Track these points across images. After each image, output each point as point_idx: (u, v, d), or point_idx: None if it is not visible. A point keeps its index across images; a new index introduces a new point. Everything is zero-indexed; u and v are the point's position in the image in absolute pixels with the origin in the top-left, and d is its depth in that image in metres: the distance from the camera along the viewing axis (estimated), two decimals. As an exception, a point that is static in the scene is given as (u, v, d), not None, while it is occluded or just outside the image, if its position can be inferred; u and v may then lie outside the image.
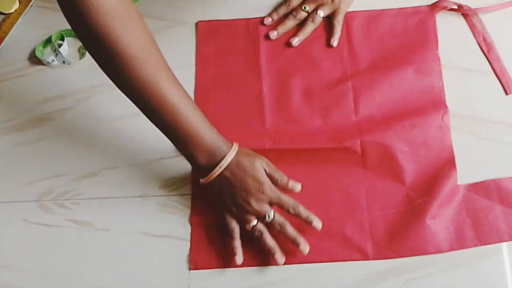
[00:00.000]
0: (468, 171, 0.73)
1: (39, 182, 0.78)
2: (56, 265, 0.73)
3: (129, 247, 0.73)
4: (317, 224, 0.68)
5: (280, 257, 0.68)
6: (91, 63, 0.85)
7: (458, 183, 0.72)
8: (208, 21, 0.84)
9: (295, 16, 0.81)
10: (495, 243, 0.68)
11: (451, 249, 0.68)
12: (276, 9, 0.83)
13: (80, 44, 0.87)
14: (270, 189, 0.67)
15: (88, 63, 0.86)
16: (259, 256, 0.70)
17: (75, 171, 0.78)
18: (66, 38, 0.87)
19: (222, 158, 0.67)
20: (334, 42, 0.80)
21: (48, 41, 0.87)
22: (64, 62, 0.85)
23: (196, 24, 0.84)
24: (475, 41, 0.82)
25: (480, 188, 0.71)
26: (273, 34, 0.81)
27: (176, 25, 0.86)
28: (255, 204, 0.67)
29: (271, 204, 0.68)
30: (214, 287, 0.70)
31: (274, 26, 0.82)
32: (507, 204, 0.70)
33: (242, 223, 0.68)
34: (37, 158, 0.79)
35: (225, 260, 0.71)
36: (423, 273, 0.68)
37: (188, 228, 0.73)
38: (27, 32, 0.90)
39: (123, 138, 0.80)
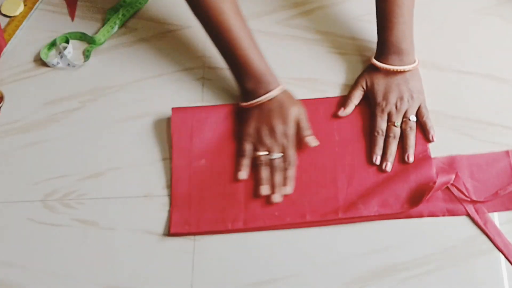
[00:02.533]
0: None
1: (44, 182, 0.79)
2: (62, 264, 0.73)
3: (133, 246, 0.74)
4: (289, 190, 0.75)
5: (265, 190, 0.75)
6: (96, 66, 0.87)
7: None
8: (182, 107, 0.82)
9: (394, 137, 0.76)
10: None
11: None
12: (374, 146, 0.76)
13: (85, 46, 0.89)
14: (288, 138, 0.76)
15: (93, 65, 0.87)
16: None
17: (80, 171, 0.79)
18: (71, 41, 0.89)
19: (268, 91, 0.76)
20: (434, 136, 0.76)
21: (53, 44, 0.88)
22: (69, 64, 0.86)
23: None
24: (471, 44, 0.84)
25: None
26: (389, 165, 0.75)
27: (181, 29, 0.87)
28: (271, 140, 0.76)
29: (281, 148, 0.76)
30: (217, 287, 0.71)
31: (377, 153, 0.76)
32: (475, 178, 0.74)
33: (255, 148, 0.77)
34: (42, 159, 0.80)
35: (206, 225, 0.73)
36: (419, 272, 0.69)
37: (192, 227, 0.75)
38: (32, 34, 0.91)
39: (128, 139, 0.81)
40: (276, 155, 0.75)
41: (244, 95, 0.78)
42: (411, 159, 0.75)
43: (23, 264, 0.74)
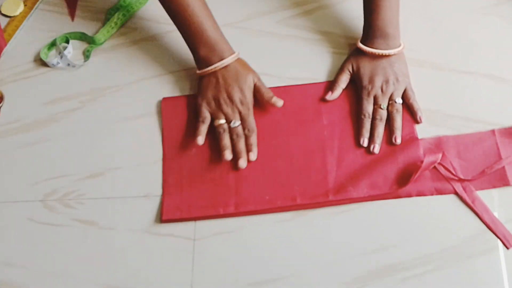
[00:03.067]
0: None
1: (44, 182, 0.79)
2: (62, 263, 0.73)
3: (133, 246, 0.74)
4: (253, 156, 0.77)
5: (228, 155, 0.76)
6: (96, 66, 0.87)
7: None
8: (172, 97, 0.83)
9: (381, 119, 0.77)
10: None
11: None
12: (361, 129, 0.77)
13: (85, 47, 0.89)
14: (246, 105, 0.78)
15: (93, 65, 0.87)
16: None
17: (80, 171, 0.79)
18: (71, 41, 0.89)
19: (221, 59, 0.77)
20: (422, 117, 0.77)
21: (53, 44, 0.88)
22: (69, 64, 0.86)
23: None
24: (470, 44, 0.84)
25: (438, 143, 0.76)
26: (376, 147, 0.76)
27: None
28: (229, 108, 0.77)
29: (240, 116, 0.78)
30: (217, 287, 0.71)
31: (364, 138, 0.77)
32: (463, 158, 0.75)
33: (214, 117, 0.78)
34: (42, 159, 0.80)
35: (197, 210, 0.74)
36: (419, 271, 0.69)
37: (192, 227, 0.74)
38: (31, 34, 0.91)
39: (127, 138, 0.81)
40: (236, 123, 0.77)
41: (198, 63, 0.79)
42: (399, 141, 0.76)
43: (23, 264, 0.74)
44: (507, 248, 0.70)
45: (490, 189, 0.73)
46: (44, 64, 0.87)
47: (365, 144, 0.77)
